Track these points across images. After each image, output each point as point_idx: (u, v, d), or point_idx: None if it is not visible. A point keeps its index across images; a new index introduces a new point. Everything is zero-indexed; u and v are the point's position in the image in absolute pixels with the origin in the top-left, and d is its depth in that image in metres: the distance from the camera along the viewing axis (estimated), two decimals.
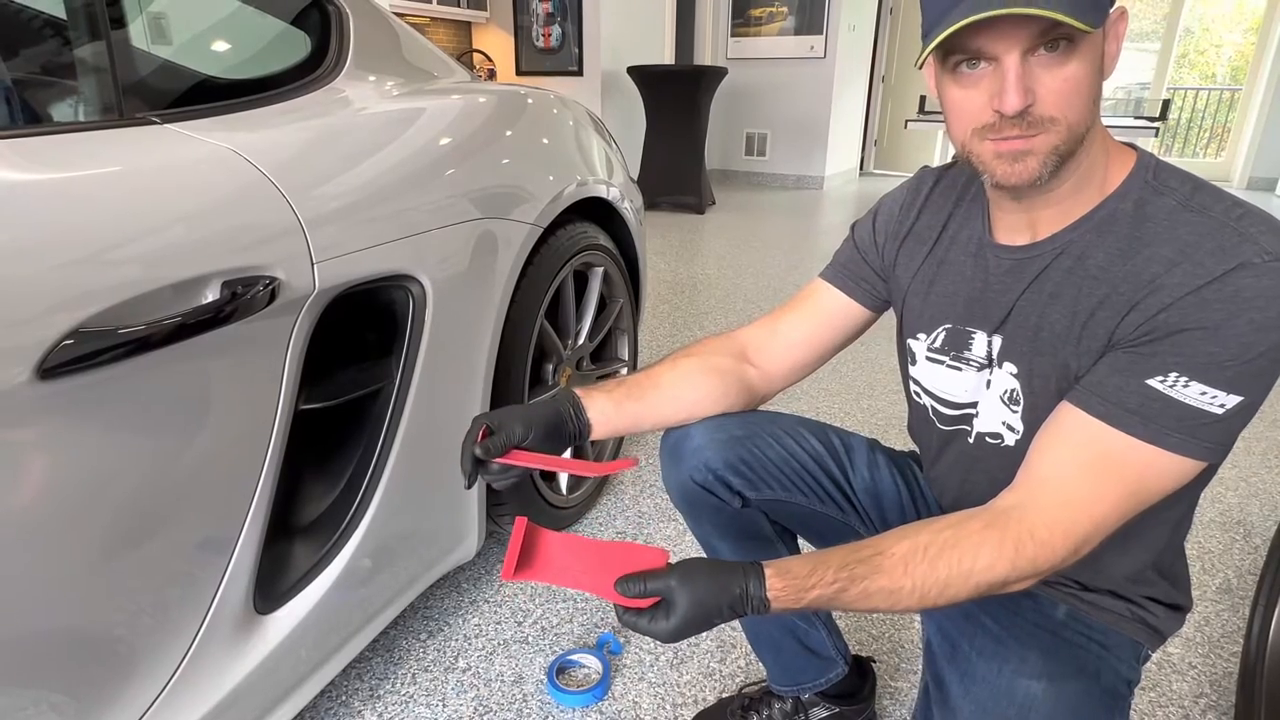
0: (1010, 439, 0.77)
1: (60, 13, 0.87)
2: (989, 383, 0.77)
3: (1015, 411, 0.75)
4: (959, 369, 0.80)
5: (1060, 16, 0.57)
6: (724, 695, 1.20)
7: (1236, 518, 1.71)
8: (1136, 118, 5.64)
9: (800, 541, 1.02)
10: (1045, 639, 0.75)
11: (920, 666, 1.26)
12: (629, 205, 1.67)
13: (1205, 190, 0.65)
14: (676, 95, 5.05)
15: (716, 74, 5.09)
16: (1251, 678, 1.04)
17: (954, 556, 0.64)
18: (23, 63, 0.86)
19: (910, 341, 0.86)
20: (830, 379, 2.42)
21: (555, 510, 1.52)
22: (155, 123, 0.81)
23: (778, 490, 0.92)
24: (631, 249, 1.72)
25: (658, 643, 1.31)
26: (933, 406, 0.85)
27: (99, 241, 0.66)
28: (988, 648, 0.74)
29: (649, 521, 1.67)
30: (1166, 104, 5.35)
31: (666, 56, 6.07)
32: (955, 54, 0.63)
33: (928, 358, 0.83)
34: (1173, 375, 0.61)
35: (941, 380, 0.82)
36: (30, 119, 0.84)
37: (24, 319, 0.59)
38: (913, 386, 0.88)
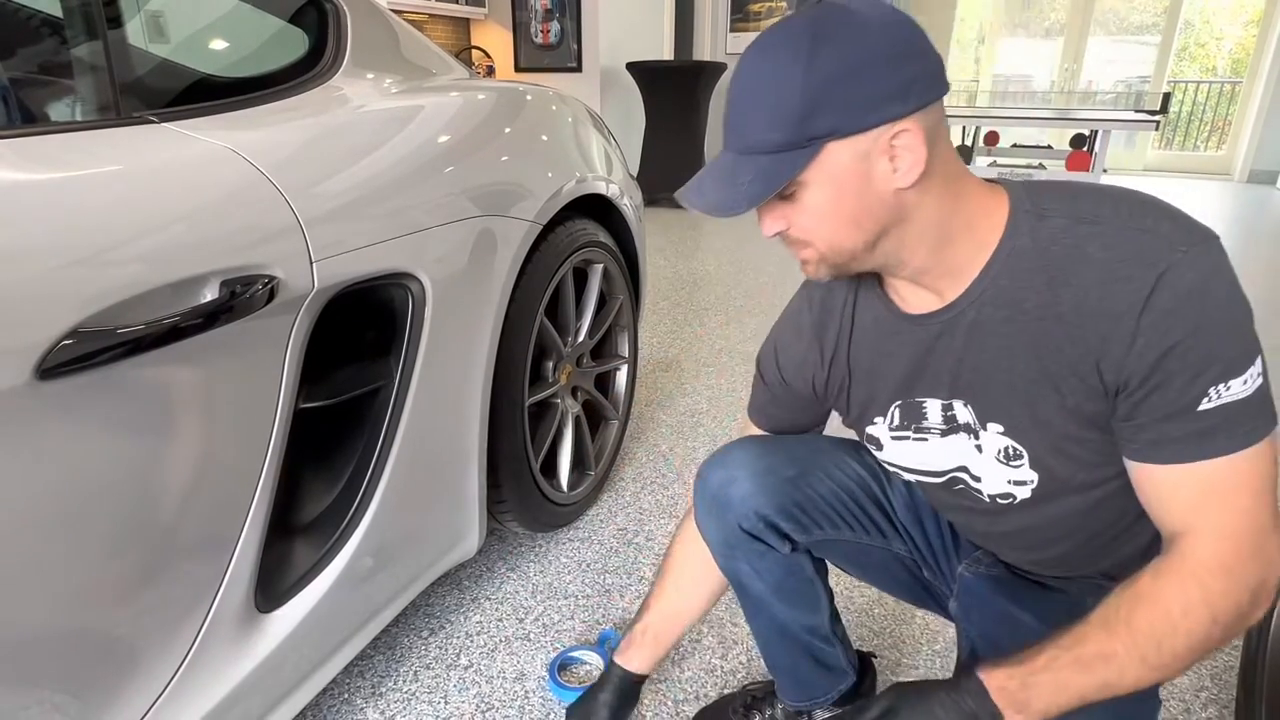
0: (1023, 492, 0.76)
1: (57, 11, 0.86)
2: (979, 448, 0.76)
3: (1018, 466, 0.74)
4: (925, 439, 0.79)
5: (709, 212, 0.64)
6: (725, 691, 1.20)
7: None
8: (1137, 111, 5.63)
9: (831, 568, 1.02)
10: None
11: (922, 661, 1.26)
12: (628, 202, 1.66)
13: (1083, 198, 0.66)
14: (676, 91, 5.05)
15: (716, 69, 5.08)
16: (1252, 671, 1.04)
17: (1146, 607, 0.62)
18: (20, 62, 0.86)
19: (869, 429, 0.85)
20: None
21: (556, 507, 1.52)
22: (153, 122, 0.81)
23: (827, 530, 0.91)
24: (631, 246, 1.72)
25: None
26: (918, 480, 0.85)
27: (97, 241, 0.66)
28: (1032, 642, 0.73)
29: (649, 518, 1.67)
30: (1167, 97, 5.35)
31: (665, 52, 6.06)
32: None
33: (893, 438, 0.82)
34: (1211, 390, 0.61)
35: (913, 454, 0.82)
36: (28, 119, 0.84)
37: (23, 319, 0.59)
38: (890, 469, 0.88)
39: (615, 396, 1.78)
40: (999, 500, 0.78)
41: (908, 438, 0.81)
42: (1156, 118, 4.88)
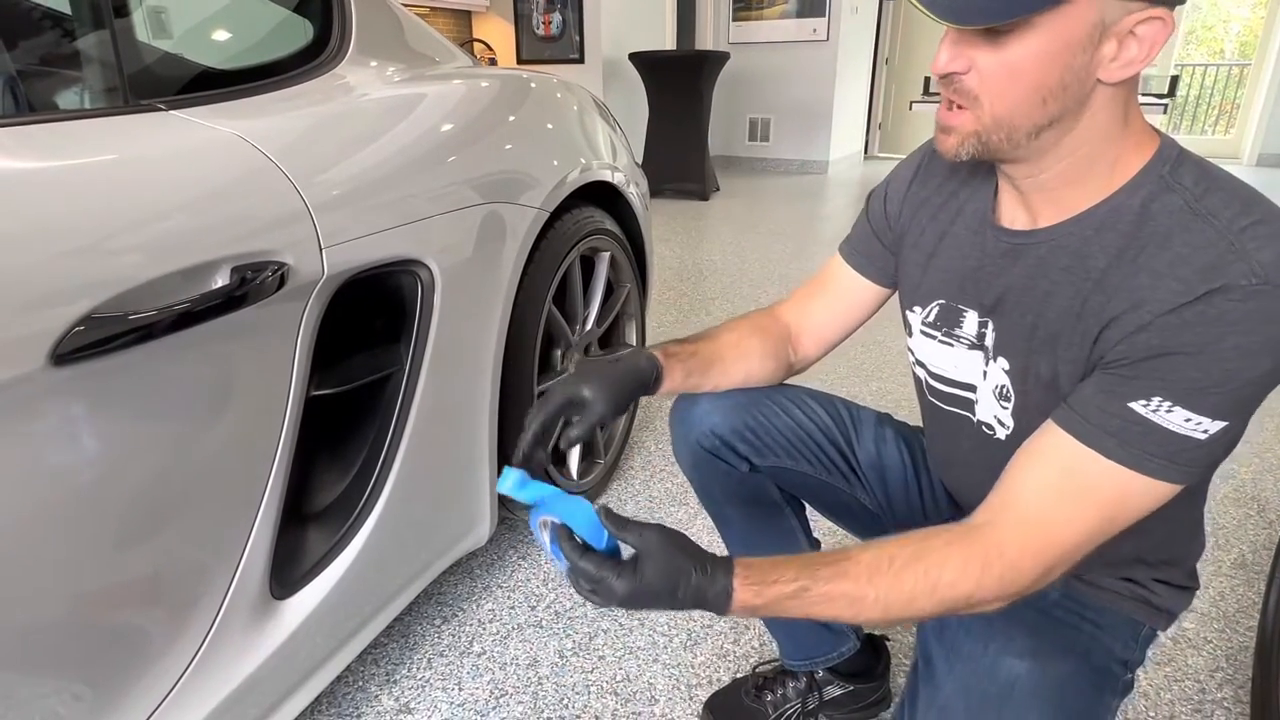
0: (1001, 433, 0.76)
1: (64, 3, 0.86)
2: (985, 374, 0.76)
3: (1005, 408, 0.74)
4: (950, 345, 0.79)
5: (931, 16, 0.56)
6: (738, 675, 1.20)
7: (1251, 493, 1.70)
8: (1144, 95, 5.58)
9: (809, 511, 1.03)
10: (1034, 618, 0.74)
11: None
12: (634, 189, 1.66)
13: (1218, 192, 0.60)
14: (678, 81, 5.02)
15: (718, 59, 5.06)
16: (1267, 651, 1.04)
17: (919, 569, 0.62)
18: (29, 53, 0.85)
19: (907, 313, 0.85)
20: (837, 360, 2.41)
21: None
22: (161, 109, 0.81)
23: (783, 458, 0.93)
24: (637, 234, 1.71)
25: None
26: (926, 379, 0.85)
27: (109, 228, 0.66)
28: (976, 626, 0.73)
29: (660, 505, 1.67)
30: (1175, 81, 5.30)
31: (668, 42, 6.03)
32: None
33: (922, 331, 0.82)
34: (1155, 399, 0.58)
35: (934, 354, 0.81)
36: (38, 108, 0.84)
37: (37, 305, 0.60)
38: (910, 356, 0.88)
39: None
40: (984, 428, 0.78)
41: (935, 337, 0.80)
42: (1164, 102, 4.83)
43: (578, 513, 0.64)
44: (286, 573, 0.93)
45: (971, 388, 0.79)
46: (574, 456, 1.56)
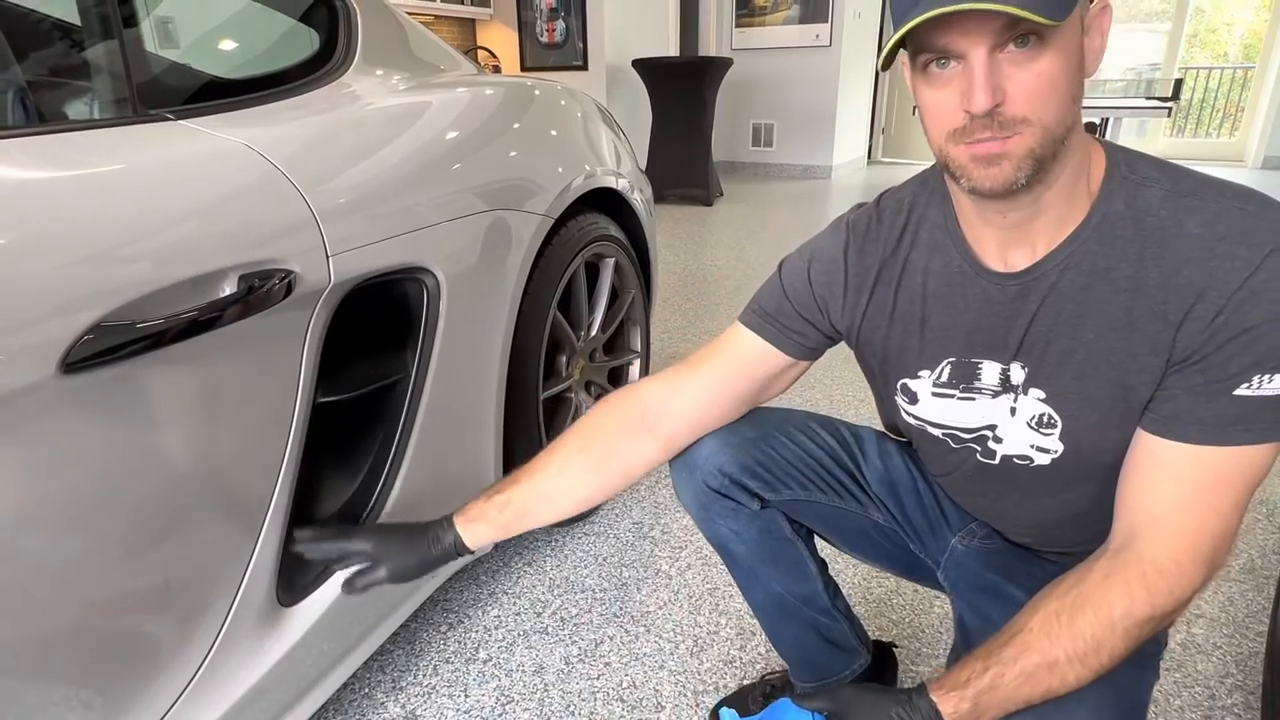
0: (1042, 459, 0.75)
1: (73, 14, 0.87)
2: (1013, 410, 0.74)
3: (1049, 434, 0.73)
4: (972, 399, 0.77)
5: (1019, 12, 0.54)
6: (744, 682, 1.20)
7: (1259, 497, 1.70)
8: (1148, 98, 5.58)
9: (818, 540, 1.01)
10: None
11: (941, 651, 1.26)
12: (639, 196, 1.66)
13: (1181, 174, 0.64)
14: (682, 87, 5.03)
15: (722, 65, 5.07)
16: (1278, 657, 1.03)
17: (1090, 614, 0.62)
18: (38, 64, 0.86)
19: (907, 381, 0.81)
20: (844, 367, 2.41)
21: None
22: (170, 119, 0.82)
23: (796, 490, 0.91)
24: (642, 240, 1.72)
25: (678, 631, 1.31)
26: (942, 436, 0.82)
27: (118, 237, 0.67)
28: (1011, 613, 0.72)
29: (665, 511, 1.67)
30: (1178, 84, 5.29)
31: (671, 49, 6.05)
32: (923, 53, 0.61)
33: (934, 394, 0.79)
34: (1256, 378, 0.59)
35: (953, 412, 0.79)
36: (47, 118, 0.85)
37: (47, 314, 0.60)
38: (914, 423, 0.84)
39: None
40: (1013, 460, 0.77)
41: (952, 396, 0.78)
42: (1168, 105, 4.83)
43: (781, 712, 0.71)
44: (293, 579, 0.93)
45: (991, 427, 0.77)
46: None
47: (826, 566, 1.00)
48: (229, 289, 0.74)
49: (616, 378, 1.75)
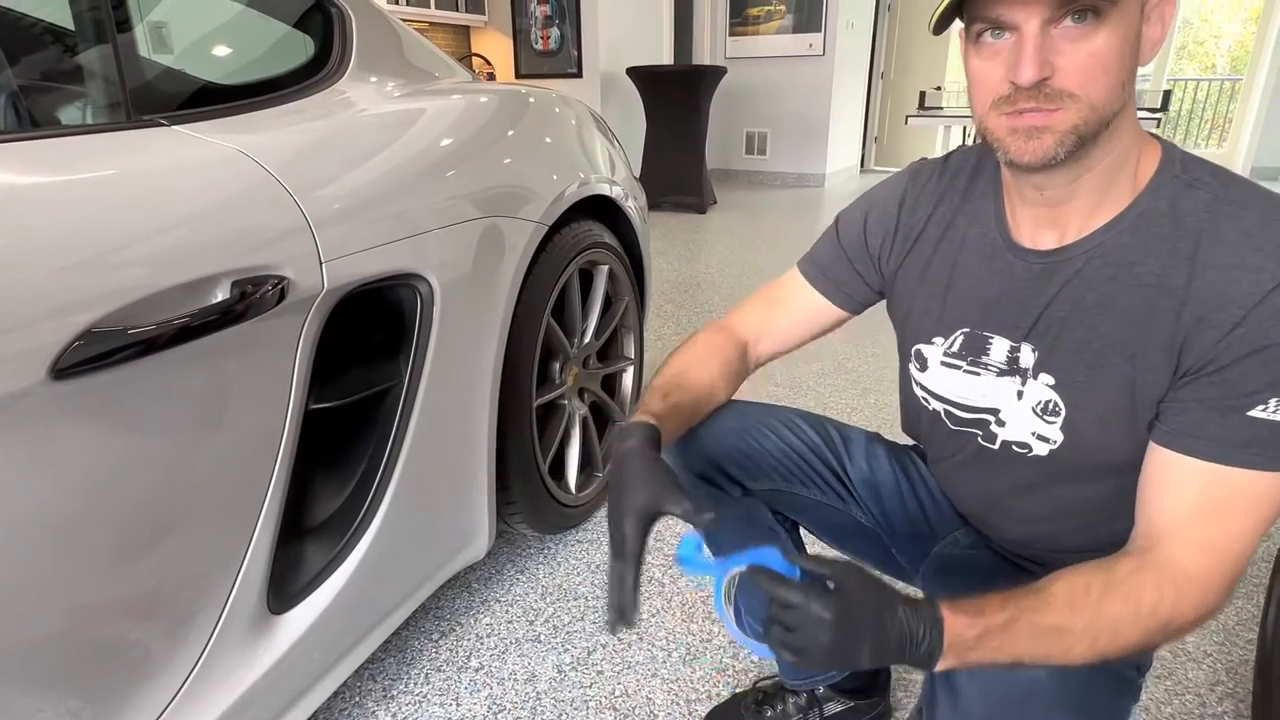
0: (1042, 449, 0.74)
1: (66, 18, 0.87)
2: (1020, 394, 0.74)
3: (1052, 423, 0.72)
4: (977, 374, 0.77)
5: None
6: (737, 690, 1.19)
7: None
8: (1138, 109, 5.63)
9: (803, 532, 1.02)
10: None
11: None
12: (632, 203, 1.67)
13: (1236, 182, 0.62)
14: (676, 95, 5.05)
15: (716, 73, 5.09)
16: (1268, 664, 1.04)
17: (1119, 596, 0.61)
18: (31, 68, 0.86)
19: (922, 347, 0.82)
20: (836, 374, 2.42)
21: (564, 508, 1.52)
22: (163, 125, 0.81)
23: (777, 481, 0.92)
24: (636, 247, 1.72)
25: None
26: (944, 410, 0.82)
27: (110, 242, 0.66)
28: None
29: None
30: (1167, 95, 5.33)
31: (665, 57, 6.08)
32: (977, 22, 0.61)
33: (944, 362, 0.80)
34: (1273, 401, 0.58)
35: (957, 385, 0.79)
36: (40, 123, 0.85)
37: (37, 320, 0.60)
38: (919, 392, 0.85)
39: (622, 398, 1.77)
40: (1013, 448, 0.76)
41: (959, 367, 0.78)
42: (1157, 115, 4.87)
43: (765, 555, 0.61)
44: (284, 587, 0.92)
45: (994, 410, 0.77)
46: (572, 470, 1.55)
47: None
48: (221, 295, 0.74)
49: (610, 385, 1.75)
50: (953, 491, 0.91)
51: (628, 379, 1.78)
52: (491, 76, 5.39)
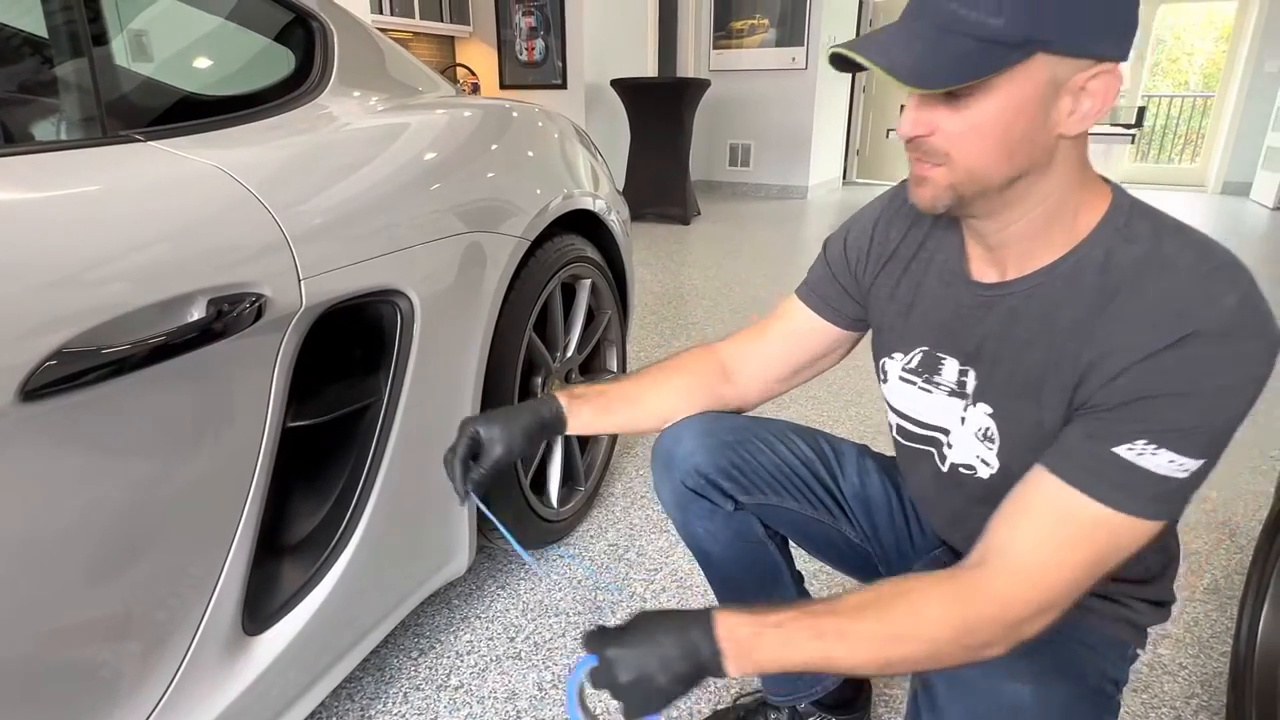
0: (984, 472, 0.77)
1: (41, 30, 0.86)
2: (964, 419, 0.77)
3: (990, 448, 0.75)
4: (929, 391, 0.80)
5: (879, 72, 0.58)
6: (719, 707, 1.19)
7: (1222, 518, 1.73)
8: (1113, 125, 5.74)
9: (793, 546, 1.02)
10: (1033, 644, 0.74)
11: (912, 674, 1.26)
12: (615, 217, 1.67)
13: (1174, 238, 0.63)
14: (660, 107, 5.08)
15: (699, 86, 5.13)
16: (1242, 677, 1.05)
17: (905, 605, 0.63)
18: (4, 81, 0.85)
19: (886, 360, 0.85)
20: (818, 387, 2.43)
21: (546, 523, 1.51)
22: (139, 140, 0.81)
23: (769, 495, 0.93)
24: (618, 261, 1.72)
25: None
26: (899, 424, 0.86)
27: (82, 261, 0.65)
28: None
29: (640, 534, 1.66)
30: (1142, 111, 5.45)
31: (649, 69, 6.11)
32: None
33: (901, 378, 0.83)
34: (1140, 443, 0.59)
35: (912, 401, 0.82)
36: (11, 138, 0.83)
37: (6, 340, 0.59)
38: (887, 405, 0.88)
39: None
40: (960, 470, 0.79)
41: (914, 383, 0.81)
42: (1132, 131, 4.98)
43: (588, 660, 0.67)
44: (260, 607, 0.91)
45: (945, 430, 0.80)
46: (554, 484, 1.55)
47: (803, 579, 1.01)
48: (197, 314, 0.73)
49: None
50: (922, 509, 0.92)
51: None
52: (476, 87, 5.39)
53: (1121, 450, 0.60)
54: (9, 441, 0.60)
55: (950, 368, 0.77)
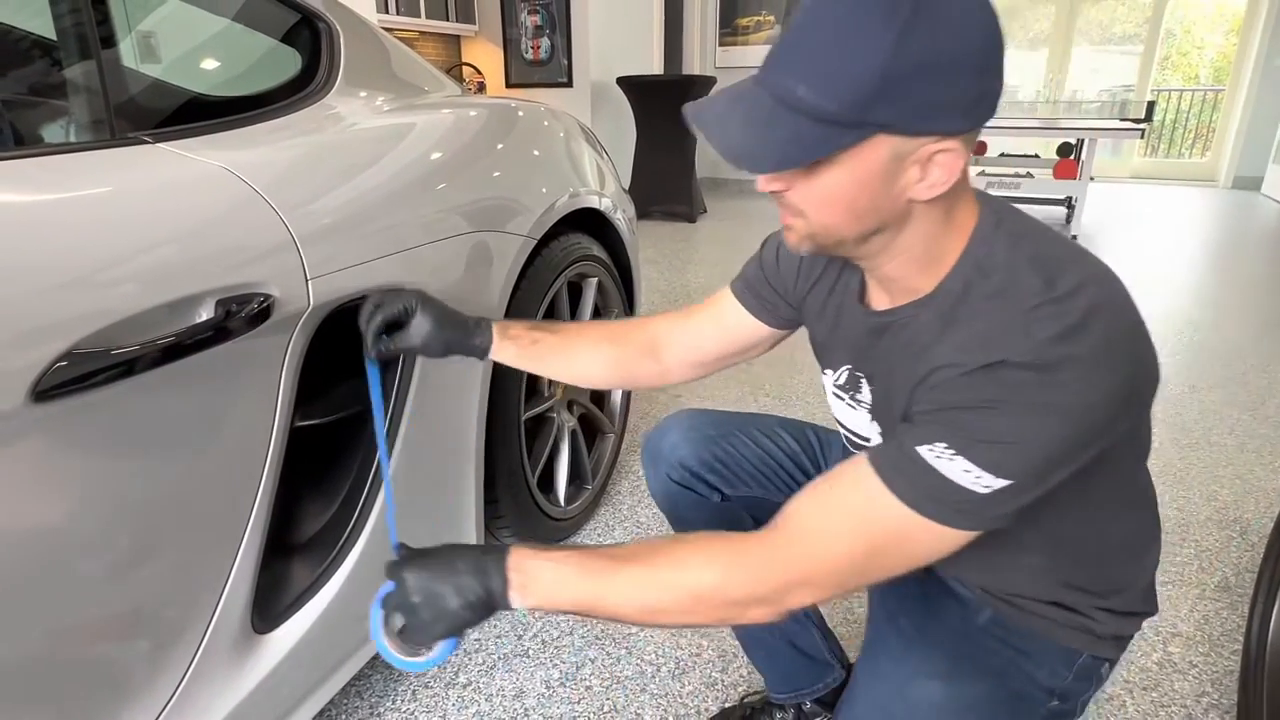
0: None
1: (50, 33, 0.86)
2: (881, 434, 0.78)
3: None
4: (854, 408, 0.81)
5: (721, 152, 0.60)
6: (726, 705, 1.19)
7: (1233, 515, 1.72)
8: (1122, 119, 5.70)
9: None
10: (957, 641, 0.75)
11: None
12: (621, 216, 1.67)
13: (1027, 266, 0.62)
14: (666, 105, 5.07)
15: (705, 83, 5.12)
16: (1253, 675, 1.04)
17: (675, 553, 0.65)
18: (13, 84, 0.86)
19: (823, 375, 0.87)
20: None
21: (553, 521, 1.51)
22: (147, 142, 0.81)
23: (754, 488, 0.95)
24: (625, 259, 1.72)
25: (659, 654, 1.30)
26: (843, 434, 0.87)
27: (92, 263, 0.66)
28: (897, 649, 0.75)
29: (647, 531, 1.67)
30: (1151, 105, 5.41)
31: (655, 67, 6.10)
32: None
33: (834, 393, 0.85)
34: (940, 445, 0.59)
35: (844, 415, 0.84)
36: (21, 140, 0.84)
37: (17, 341, 0.59)
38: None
39: (611, 410, 1.77)
40: None
41: (844, 400, 0.83)
42: (1141, 126, 4.93)
43: (387, 587, 0.69)
44: (269, 606, 0.91)
45: (869, 441, 0.82)
46: (561, 483, 1.55)
47: None
48: (205, 314, 0.73)
49: (599, 397, 1.75)
50: None
51: (617, 391, 1.78)
52: (482, 86, 5.40)
53: (922, 450, 0.60)
54: (21, 442, 0.61)
55: (865, 387, 0.79)
